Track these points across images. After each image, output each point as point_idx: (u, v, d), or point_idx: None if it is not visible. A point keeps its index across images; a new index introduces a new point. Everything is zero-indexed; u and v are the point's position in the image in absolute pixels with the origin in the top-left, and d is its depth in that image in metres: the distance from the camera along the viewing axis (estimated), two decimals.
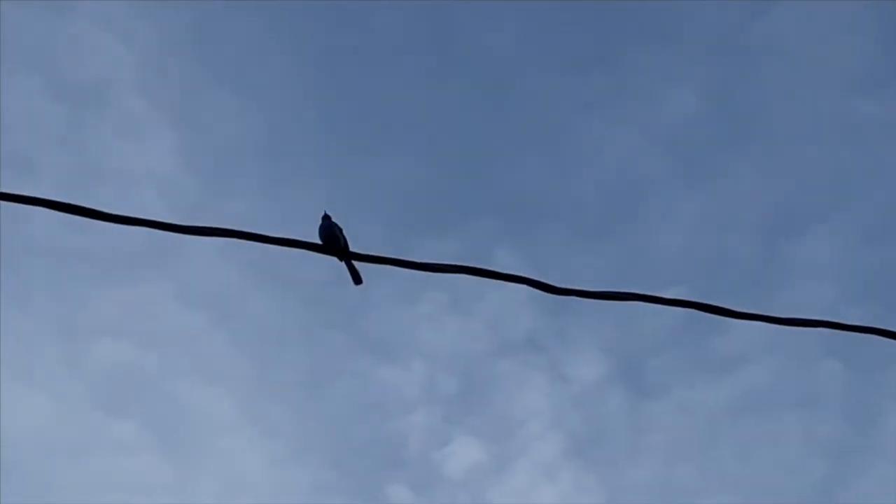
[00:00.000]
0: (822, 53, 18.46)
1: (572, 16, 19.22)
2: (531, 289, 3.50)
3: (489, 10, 18.87)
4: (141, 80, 17.83)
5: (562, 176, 19.28)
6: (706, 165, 19.12)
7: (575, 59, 19.31)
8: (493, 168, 19.35)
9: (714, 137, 19.16)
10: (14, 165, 16.76)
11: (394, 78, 19.09)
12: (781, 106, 18.74)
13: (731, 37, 18.69)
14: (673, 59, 19.05)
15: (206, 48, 18.63)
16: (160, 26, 18.26)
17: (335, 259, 4.38)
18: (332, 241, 4.44)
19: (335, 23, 18.84)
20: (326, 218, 4.65)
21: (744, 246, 18.86)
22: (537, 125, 19.18)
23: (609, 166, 19.04)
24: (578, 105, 19.17)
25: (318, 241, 4.41)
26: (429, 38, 19.20)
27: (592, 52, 19.28)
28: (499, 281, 3.51)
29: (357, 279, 4.62)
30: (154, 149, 18.01)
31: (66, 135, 17.43)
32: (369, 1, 18.53)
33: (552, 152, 19.23)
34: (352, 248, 4.40)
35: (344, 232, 4.56)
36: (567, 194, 19.12)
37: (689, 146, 19.09)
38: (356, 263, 4.53)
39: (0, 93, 16.72)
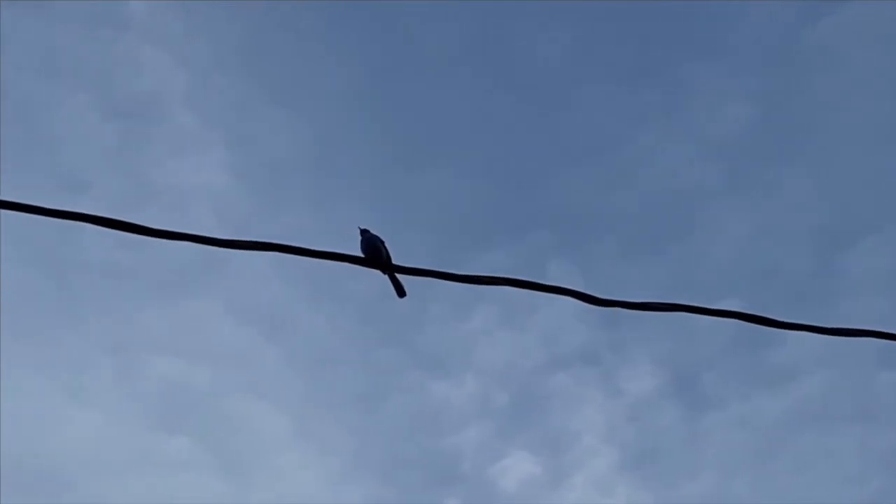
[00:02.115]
0: (875, 61, 18.28)
1: (623, 28, 19.19)
2: (583, 302, 3.49)
3: (540, 22, 18.88)
4: (192, 97, 17.99)
5: (614, 188, 19.24)
6: (758, 177, 18.96)
7: (626, 71, 19.27)
8: (545, 181, 19.29)
9: (766, 148, 19.01)
10: (67, 183, 16.94)
11: (444, 91, 19.14)
12: (834, 115, 18.59)
13: (782, 47, 18.56)
14: (724, 70, 18.95)
15: (256, 64, 18.76)
16: (211, 43, 18.43)
17: (379, 272, 4.38)
18: (374, 253, 4.41)
19: (384, 36, 18.91)
20: (365, 232, 4.64)
21: (797, 257, 18.70)
22: (589, 137, 19.14)
23: (661, 178, 18.95)
24: (630, 117, 19.11)
25: (360, 254, 4.40)
26: (479, 51, 19.23)
27: (643, 64, 19.23)
28: (545, 293, 3.50)
29: (401, 292, 4.60)
30: (206, 165, 18.15)
31: (119, 152, 17.59)
32: (418, 14, 18.61)
33: (604, 165, 19.19)
34: (397, 261, 4.39)
35: (386, 244, 4.55)
36: (619, 207, 19.05)
37: (741, 157, 18.96)
38: (399, 276, 4.53)
39: (53, 110, 16.92)
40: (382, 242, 4.55)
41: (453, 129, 19.27)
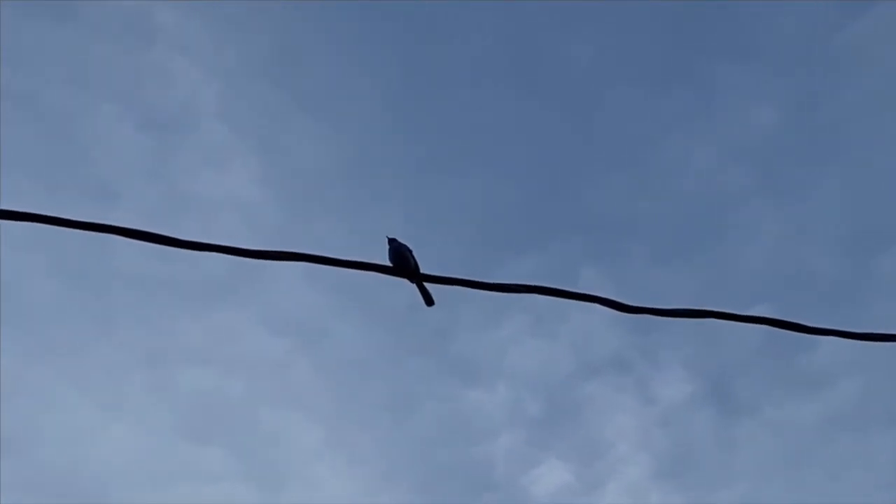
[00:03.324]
0: None
1: (654, 32, 19.16)
2: (612, 309, 3.48)
3: (570, 28, 18.87)
4: (223, 106, 18.06)
5: (644, 193, 19.21)
6: (790, 180, 18.89)
7: (657, 75, 19.25)
8: (576, 186, 19.30)
9: (797, 152, 18.94)
10: (99, 194, 17.03)
11: (474, 97, 19.15)
12: (866, 117, 18.48)
13: (813, 49, 18.49)
14: (755, 72, 18.89)
15: (286, 73, 18.82)
16: (241, 52, 18.50)
17: (407, 281, 4.39)
18: (402, 262, 4.43)
19: (414, 44, 18.94)
20: (393, 241, 4.64)
21: (829, 261, 18.60)
22: (619, 142, 19.13)
23: (692, 183, 18.91)
24: (660, 121, 19.07)
25: (388, 263, 4.41)
26: (508, 56, 19.24)
27: (674, 68, 19.19)
28: (575, 301, 3.49)
29: (429, 301, 4.59)
30: (236, 175, 18.22)
31: (150, 162, 17.68)
32: (448, 21, 18.63)
33: (634, 169, 19.17)
34: (426, 269, 4.39)
35: (414, 253, 4.55)
36: (650, 212, 19.02)
37: (773, 161, 18.88)
38: (427, 285, 4.53)
39: (85, 122, 17.01)
40: (410, 251, 4.56)
41: (483, 135, 19.29)
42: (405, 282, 4.40)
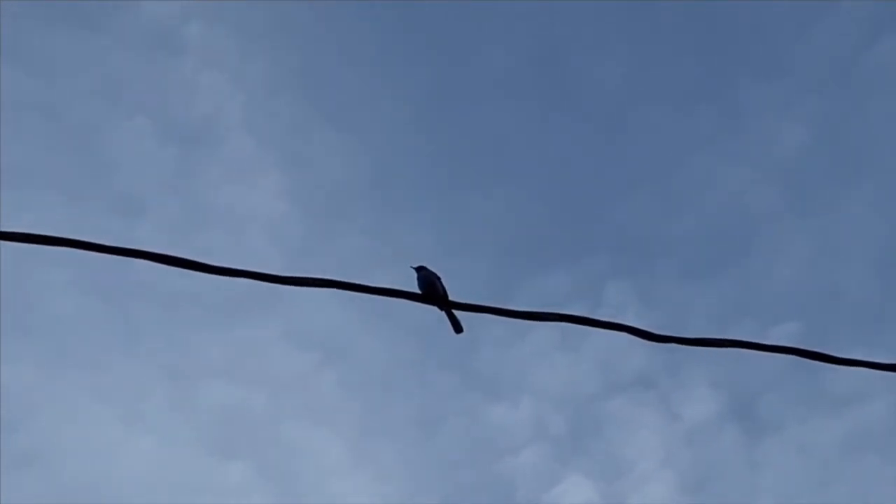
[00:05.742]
0: None
1: (682, 52, 19.15)
2: (638, 338, 3.49)
3: (598, 47, 18.90)
4: (248, 121, 18.11)
5: (672, 211, 19.17)
6: (818, 199, 18.84)
7: (685, 94, 19.23)
8: (603, 205, 19.31)
9: (826, 170, 18.89)
10: (124, 207, 17.07)
11: (502, 114, 19.17)
12: (894, 137, 18.40)
13: (841, 68, 18.46)
14: (783, 92, 18.86)
15: (312, 87, 18.87)
16: (267, 67, 18.56)
17: (436, 308, 4.41)
18: (431, 290, 4.43)
19: (441, 61, 18.98)
20: (423, 269, 4.65)
21: (857, 280, 18.50)
22: (647, 161, 19.12)
23: (719, 201, 18.88)
24: (688, 140, 19.04)
25: (417, 289, 4.42)
26: (537, 74, 19.26)
27: (702, 87, 19.18)
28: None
29: (458, 328, 4.58)
30: (262, 189, 18.27)
31: (175, 176, 17.72)
32: (475, 39, 18.65)
33: (662, 188, 19.14)
34: (454, 295, 4.42)
35: (442, 280, 4.56)
36: (678, 230, 18.99)
37: (801, 180, 18.84)
38: (456, 312, 4.53)
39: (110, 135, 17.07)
40: (439, 279, 4.57)
41: (511, 153, 19.32)
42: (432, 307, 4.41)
